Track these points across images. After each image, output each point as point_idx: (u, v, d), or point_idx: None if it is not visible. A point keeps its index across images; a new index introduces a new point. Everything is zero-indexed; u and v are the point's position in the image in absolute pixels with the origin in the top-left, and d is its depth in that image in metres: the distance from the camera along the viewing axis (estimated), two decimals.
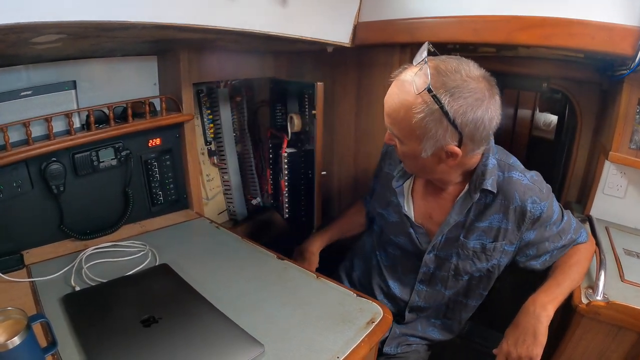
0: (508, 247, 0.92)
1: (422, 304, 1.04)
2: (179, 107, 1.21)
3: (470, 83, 0.74)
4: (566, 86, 1.43)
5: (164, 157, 1.23)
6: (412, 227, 0.99)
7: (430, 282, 1.02)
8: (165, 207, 1.26)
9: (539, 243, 0.92)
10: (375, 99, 1.32)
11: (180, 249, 1.06)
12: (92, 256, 1.01)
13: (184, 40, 1.06)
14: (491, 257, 0.93)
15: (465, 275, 0.98)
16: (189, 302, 0.82)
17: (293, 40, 1.06)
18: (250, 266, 0.98)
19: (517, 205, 0.88)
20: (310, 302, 0.85)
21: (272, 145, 1.47)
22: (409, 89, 0.76)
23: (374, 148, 1.36)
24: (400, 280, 1.06)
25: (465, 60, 0.77)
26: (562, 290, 0.88)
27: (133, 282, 0.90)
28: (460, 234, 0.93)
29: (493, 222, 0.90)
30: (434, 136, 0.76)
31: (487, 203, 0.90)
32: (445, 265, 0.97)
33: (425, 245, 0.98)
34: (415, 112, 0.75)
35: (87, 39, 0.89)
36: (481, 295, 1.02)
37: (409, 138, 0.80)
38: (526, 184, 0.88)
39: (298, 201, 1.41)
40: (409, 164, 0.91)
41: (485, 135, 0.78)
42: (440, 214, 0.96)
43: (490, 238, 0.92)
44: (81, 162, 1.07)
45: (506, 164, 0.90)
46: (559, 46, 1.02)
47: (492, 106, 0.76)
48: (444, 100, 0.73)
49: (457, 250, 0.95)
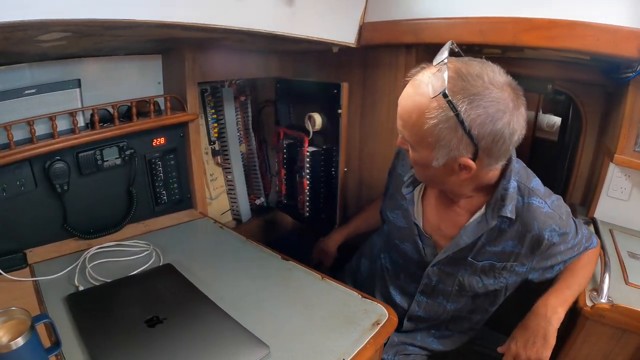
0: (519, 268, 0.87)
1: (421, 314, 1.00)
2: (184, 106, 1.21)
3: (492, 91, 0.66)
4: (571, 88, 1.43)
5: (168, 156, 1.22)
6: (419, 237, 0.93)
7: (432, 295, 0.97)
8: (169, 207, 1.26)
9: (552, 258, 0.88)
10: (379, 99, 1.32)
11: (184, 248, 1.06)
12: (96, 255, 1.01)
13: (189, 39, 1.06)
14: (500, 276, 0.89)
15: (470, 292, 0.93)
16: (193, 303, 0.81)
17: (299, 40, 1.05)
18: (254, 267, 0.98)
19: (534, 234, 0.82)
20: (315, 303, 0.85)
21: (287, 144, 1.46)
22: (424, 91, 0.69)
23: (378, 149, 1.36)
24: (401, 288, 1.03)
25: (490, 64, 0.69)
26: (572, 292, 0.87)
27: (137, 282, 0.89)
28: (468, 255, 0.88)
29: (506, 247, 0.85)
30: (447, 145, 0.69)
31: (502, 228, 0.83)
32: (450, 279, 0.92)
33: (430, 258, 0.93)
34: (428, 117, 0.68)
35: (92, 38, 0.88)
36: (487, 310, 0.98)
37: (420, 144, 0.73)
38: (547, 211, 0.81)
39: (318, 199, 1.41)
40: (419, 171, 0.84)
41: (504, 150, 0.70)
42: (450, 227, 0.90)
43: (501, 261, 0.87)
44: (85, 161, 1.07)
45: (527, 187, 0.82)
46: (565, 48, 1.01)
47: (515, 119, 0.67)
48: (461, 107, 0.65)
49: (465, 267, 0.90)
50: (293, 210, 1.52)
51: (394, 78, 1.28)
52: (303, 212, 1.44)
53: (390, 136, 1.32)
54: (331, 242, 1.24)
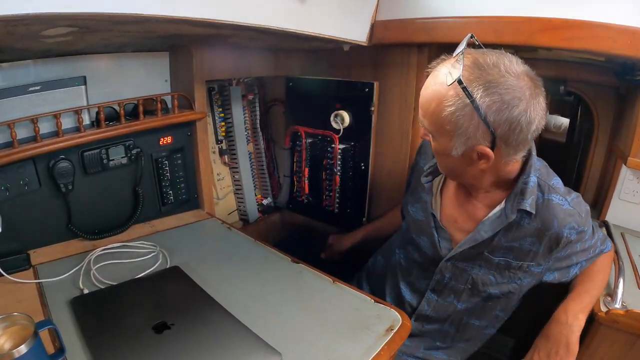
0: (534, 269, 0.86)
1: (430, 313, 0.97)
2: (191, 104, 1.18)
3: (508, 79, 0.66)
4: (583, 89, 1.41)
5: (175, 155, 1.20)
6: (435, 229, 0.93)
7: (443, 292, 0.95)
8: (175, 207, 1.24)
9: (568, 259, 0.87)
10: (390, 99, 1.30)
11: (191, 250, 1.03)
12: (101, 257, 0.99)
13: (197, 36, 1.04)
14: (514, 276, 0.87)
15: (482, 292, 0.90)
16: (202, 307, 0.79)
17: (310, 38, 1.03)
18: (264, 270, 0.95)
19: (553, 232, 0.80)
20: (327, 307, 0.82)
21: (310, 143, 1.46)
22: (442, 81, 0.71)
23: (389, 150, 1.34)
24: (412, 285, 1.01)
25: (508, 55, 0.70)
26: (592, 298, 0.86)
27: (144, 286, 0.87)
28: (484, 250, 0.86)
29: (524, 244, 0.83)
30: (465, 133, 0.70)
31: (520, 224, 0.82)
32: (463, 276, 0.90)
33: (445, 252, 0.92)
34: (446, 105, 0.70)
35: (98, 33, 0.86)
36: (496, 317, 0.95)
37: (440, 133, 0.74)
38: (567, 208, 0.81)
39: (347, 195, 1.43)
40: (440, 161, 0.84)
41: (522, 139, 0.70)
42: (467, 221, 0.89)
43: (517, 258, 0.85)
44: (90, 160, 1.04)
45: (547, 184, 0.82)
46: (581, 49, 0.98)
47: (532, 108, 0.68)
48: (476, 94, 0.66)
49: (480, 263, 0.88)
50: (314, 208, 1.52)
51: (405, 78, 1.25)
52: (332, 209, 1.46)
53: (401, 138, 1.30)
54: (341, 246, 1.29)
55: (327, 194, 1.44)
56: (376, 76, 1.30)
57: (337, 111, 1.34)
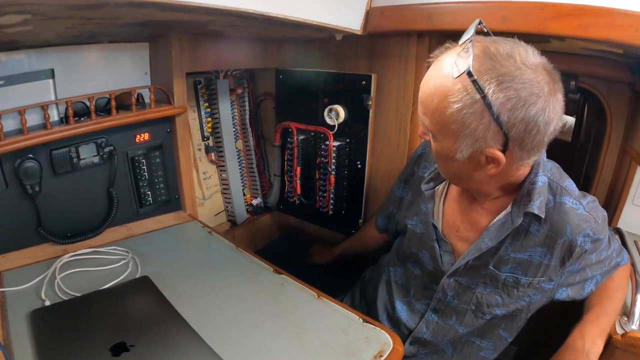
0: (546, 285, 0.76)
1: (428, 337, 0.88)
2: (170, 98, 1.10)
3: (525, 72, 0.57)
4: (596, 85, 1.30)
5: (153, 153, 1.12)
6: (437, 241, 0.84)
7: (444, 314, 0.86)
8: (154, 209, 1.16)
9: (582, 272, 0.78)
10: (387, 94, 1.20)
11: (166, 257, 0.96)
12: (69, 264, 0.91)
13: (174, 23, 0.95)
14: (524, 295, 0.77)
15: (487, 314, 0.81)
16: (167, 327, 0.71)
17: (297, 25, 0.93)
18: (242, 281, 0.87)
19: (565, 240, 0.71)
20: (309, 327, 0.74)
21: (302, 140, 1.38)
22: (447, 72, 0.61)
23: (385, 149, 1.25)
24: (410, 305, 0.91)
25: (523, 43, 0.61)
26: (609, 319, 0.77)
27: (108, 298, 0.79)
28: (490, 263, 0.77)
29: (534, 255, 0.74)
30: (472, 134, 0.60)
31: (529, 231, 0.73)
32: (466, 295, 0.81)
33: (447, 267, 0.82)
34: (451, 102, 0.60)
35: (58, 21, 0.78)
36: (500, 337, 0.85)
37: (443, 133, 0.65)
38: (581, 213, 0.72)
39: (342, 196, 1.35)
40: (442, 165, 0.74)
41: (538, 141, 0.61)
42: (469, 230, 0.80)
43: (526, 274, 0.76)
44: (59, 160, 0.96)
45: (559, 186, 0.73)
46: (598, 39, 0.88)
47: (551, 106, 0.59)
48: (488, 89, 0.57)
49: (485, 280, 0.78)
50: (306, 209, 1.44)
51: (404, 70, 1.15)
52: (326, 211, 1.37)
53: (399, 135, 1.21)
54: (321, 257, 1.28)
55: (321, 194, 1.35)
56: (372, 68, 1.21)
57: (332, 106, 1.25)
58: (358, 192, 1.31)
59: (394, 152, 1.23)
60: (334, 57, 1.27)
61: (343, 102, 1.25)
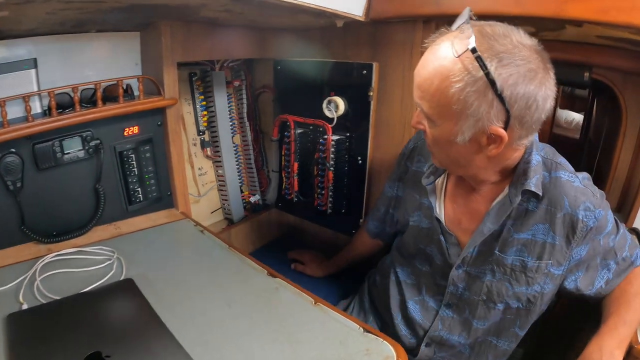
0: (555, 270, 0.74)
1: (445, 335, 0.85)
2: (160, 89, 1.04)
3: (522, 50, 0.59)
4: (611, 77, 1.21)
5: (143, 147, 1.06)
6: (442, 234, 0.83)
7: (458, 307, 0.84)
8: (145, 206, 1.10)
9: (591, 260, 0.75)
10: (391, 84, 1.13)
11: (153, 258, 0.90)
12: (51, 265, 0.86)
13: (163, 8, 0.89)
14: (533, 281, 0.75)
15: (499, 304, 0.79)
16: (148, 336, 0.65)
17: (293, 9, 0.87)
18: (233, 285, 0.81)
19: (566, 213, 0.71)
20: (305, 338, 0.67)
21: (299, 134, 1.31)
22: (446, 54, 0.61)
23: (390, 143, 1.17)
24: (423, 303, 0.89)
25: (513, 27, 0.62)
26: (629, 329, 0.71)
27: (88, 303, 0.74)
28: (495, 247, 0.77)
29: (537, 234, 0.74)
30: (475, 113, 0.60)
31: (529, 209, 0.74)
32: (477, 285, 0.80)
33: (454, 259, 0.82)
34: (453, 81, 0.60)
35: (35, 5, 0.72)
36: (516, 335, 0.82)
37: (443, 116, 0.64)
38: (577, 186, 0.72)
39: (342, 193, 1.28)
40: (439, 152, 0.73)
41: (537, 118, 0.62)
42: (471, 220, 0.80)
43: (533, 255, 0.74)
44: (42, 154, 0.91)
45: (553, 162, 0.75)
46: (620, 23, 0.81)
47: (548, 83, 0.61)
48: (490, 65, 0.57)
49: (492, 267, 0.77)
50: (304, 208, 1.38)
51: (409, 59, 1.08)
52: (325, 209, 1.31)
53: (403, 129, 1.13)
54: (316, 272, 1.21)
55: (319, 192, 1.28)
56: (375, 57, 1.13)
57: (330, 97, 1.18)
58: (359, 190, 1.24)
59: (398, 147, 1.15)
60: (335, 46, 1.19)
61: (343, 93, 1.19)
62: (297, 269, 1.23)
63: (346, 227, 1.28)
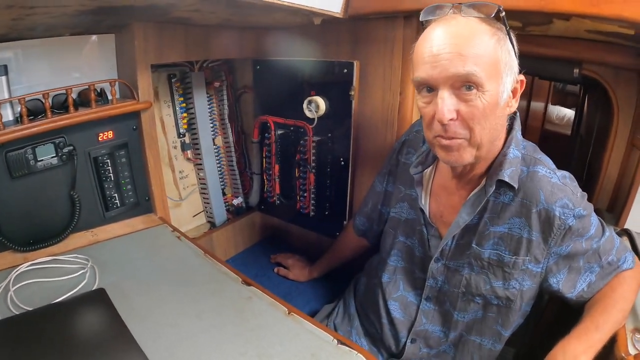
0: (533, 267, 0.74)
1: (429, 327, 0.86)
2: (134, 93, 1.01)
3: None
4: (601, 73, 1.19)
5: (119, 153, 1.04)
6: (425, 225, 0.85)
7: (439, 300, 0.85)
8: (123, 212, 1.08)
9: (572, 260, 0.74)
10: (372, 82, 1.10)
11: (127, 266, 0.89)
12: (26, 274, 0.85)
13: (130, 9, 0.86)
14: (510, 276, 0.75)
15: (477, 297, 0.79)
16: (115, 350, 0.64)
17: (267, 8, 0.84)
18: (206, 294, 0.80)
19: (541, 209, 0.71)
20: (275, 352, 0.66)
21: (280, 135, 1.29)
22: (472, 19, 0.64)
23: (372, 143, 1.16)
24: (402, 301, 0.89)
25: None
26: (601, 335, 0.69)
27: (57, 315, 0.73)
28: (472, 241, 0.77)
29: (513, 227, 0.74)
30: (511, 65, 0.66)
31: (505, 202, 0.74)
32: (456, 278, 0.81)
33: (434, 251, 0.83)
34: (493, 39, 0.64)
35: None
36: (499, 334, 0.81)
37: (493, 75, 0.64)
38: (555, 182, 0.72)
39: (324, 195, 1.27)
40: (484, 125, 0.66)
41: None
42: (451, 213, 0.82)
43: (509, 250, 0.75)
44: (14, 162, 0.89)
45: (532, 157, 0.75)
46: (610, 17, 0.78)
47: None
48: None
49: (470, 260, 0.78)
50: (287, 210, 1.36)
51: (389, 56, 1.06)
52: (308, 212, 1.29)
53: (386, 129, 1.11)
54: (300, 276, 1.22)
55: (301, 194, 1.27)
56: (356, 55, 1.11)
57: (311, 97, 1.15)
58: (342, 192, 1.22)
59: (381, 147, 1.13)
60: (314, 44, 1.17)
61: (323, 92, 1.16)
62: (280, 274, 1.22)
63: (330, 229, 1.26)
